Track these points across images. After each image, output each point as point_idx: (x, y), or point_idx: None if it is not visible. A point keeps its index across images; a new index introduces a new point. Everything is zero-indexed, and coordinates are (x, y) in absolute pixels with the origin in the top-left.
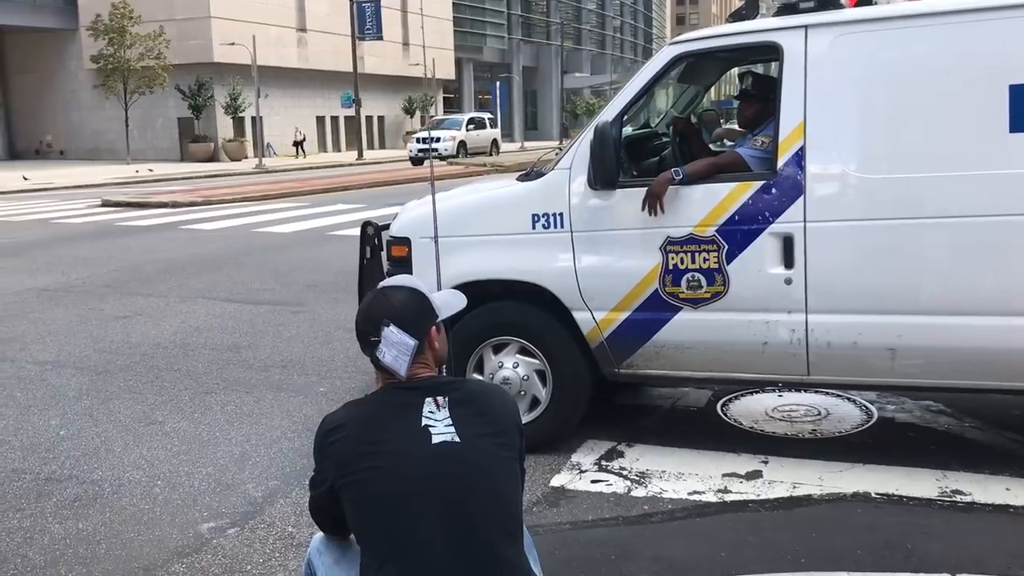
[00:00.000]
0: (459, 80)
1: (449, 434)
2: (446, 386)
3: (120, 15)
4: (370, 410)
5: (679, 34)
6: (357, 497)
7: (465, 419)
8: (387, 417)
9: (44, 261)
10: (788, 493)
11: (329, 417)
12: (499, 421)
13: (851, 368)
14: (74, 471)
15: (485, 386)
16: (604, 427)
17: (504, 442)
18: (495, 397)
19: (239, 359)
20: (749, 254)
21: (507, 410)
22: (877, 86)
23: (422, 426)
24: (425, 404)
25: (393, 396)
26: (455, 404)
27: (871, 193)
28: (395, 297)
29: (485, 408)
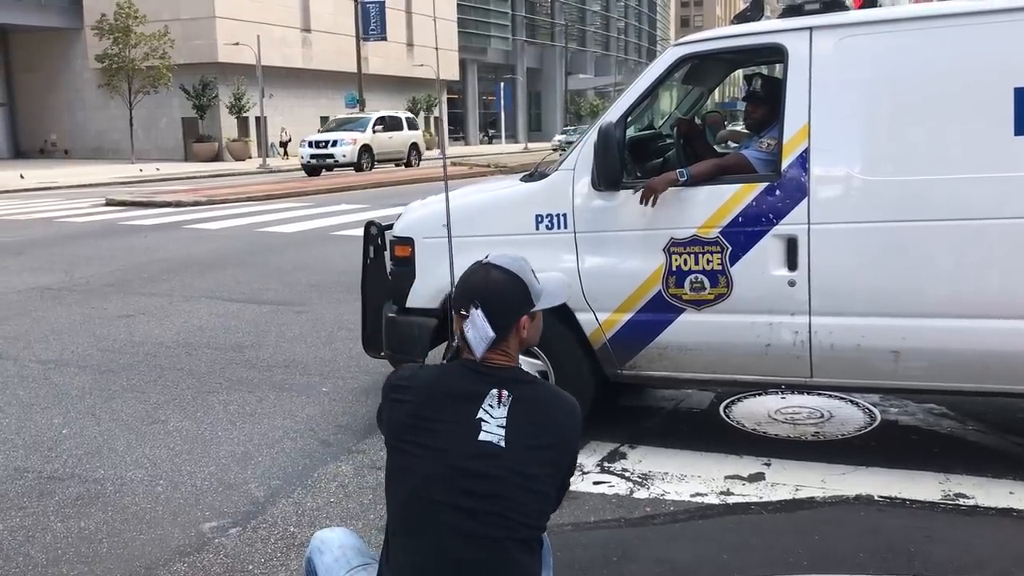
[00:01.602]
0: (463, 81)
1: (497, 436)
2: (516, 383)
3: (125, 15)
4: (439, 383)
5: (683, 36)
6: (393, 465)
7: (520, 424)
8: (450, 396)
9: (47, 260)
10: (791, 495)
11: (401, 372)
12: (553, 435)
13: (855, 371)
14: (76, 470)
15: (554, 394)
16: (607, 428)
17: (551, 458)
18: (560, 409)
19: (242, 359)
20: (753, 256)
21: (567, 425)
22: (882, 88)
23: (476, 418)
24: (488, 396)
25: (464, 375)
26: (517, 404)
27: (875, 195)
28: (494, 278)
29: (545, 418)
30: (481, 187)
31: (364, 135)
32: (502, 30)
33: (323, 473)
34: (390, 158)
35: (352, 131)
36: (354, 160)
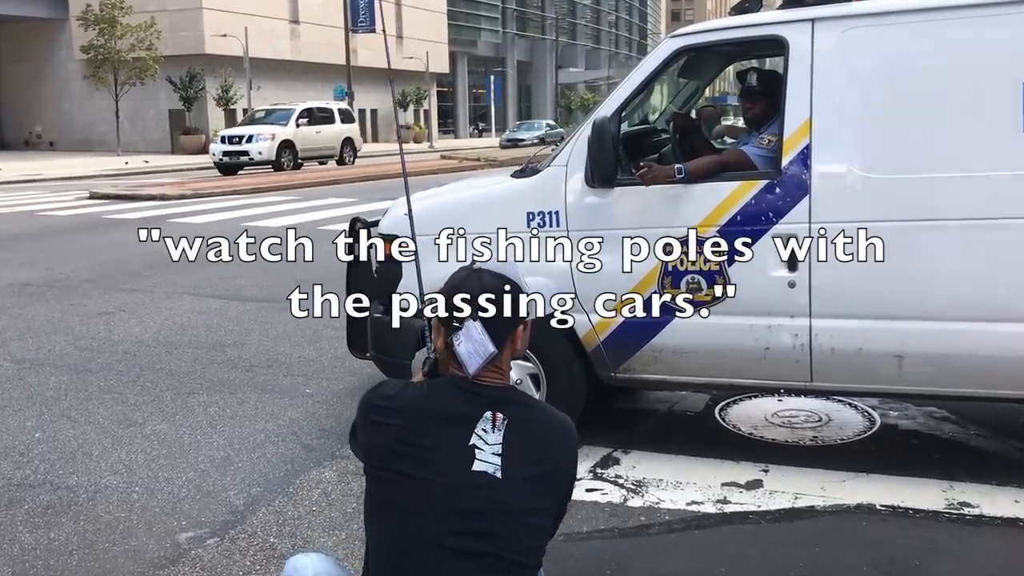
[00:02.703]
0: (453, 74)
1: (492, 466)
2: (510, 404)
3: (111, 5)
4: (426, 404)
5: (674, 29)
6: (374, 494)
7: (516, 452)
8: (440, 420)
9: (28, 255)
10: (790, 504)
11: (383, 390)
12: (550, 463)
13: (856, 375)
14: (48, 476)
15: (551, 416)
16: (599, 433)
17: (548, 488)
18: (558, 433)
19: (223, 358)
20: (751, 256)
21: (564, 451)
22: (886, 83)
23: (469, 444)
24: (482, 419)
25: (454, 395)
26: (513, 428)
27: (879, 194)
28: (488, 284)
29: (542, 444)
30: (470, 183)
31: (285, 129)
32: (492, 23)
33: (305, 480)
34: (318, 155)
35: (273, 124)
36: (271, 158)
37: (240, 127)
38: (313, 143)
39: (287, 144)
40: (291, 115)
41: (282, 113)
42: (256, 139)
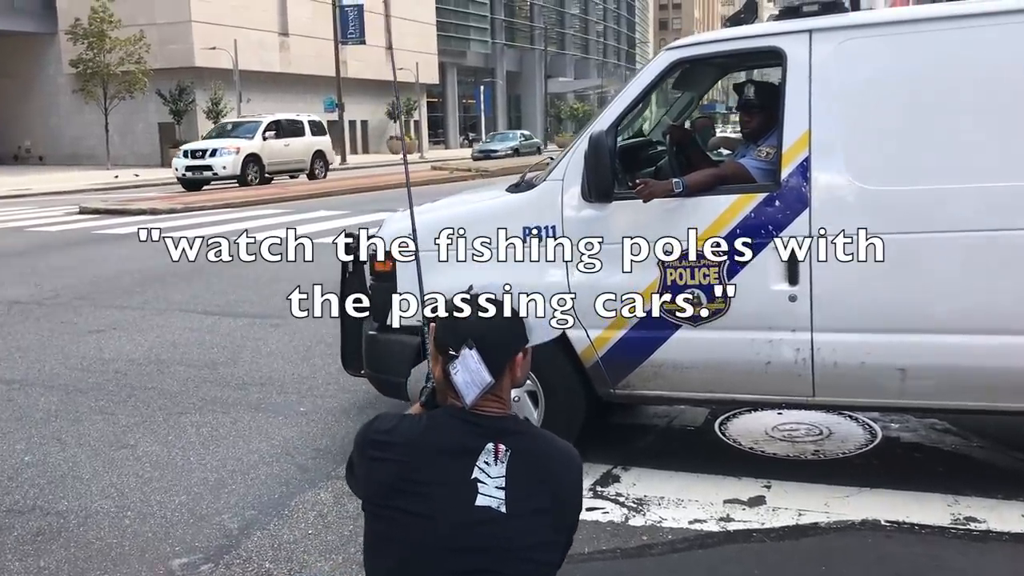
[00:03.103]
0: (443, 84)
1: (496, 500)
2: (512, 434)
3: (99, 19)
4: (426, 437)
5: (662, 39)
6: (374, 531)
7: (521, 485)
8: (440, 453)
9: (16, 272)
10: (793, 521)
11: (381, 424)
12: (559, 493)
13: (859, 389)
14: (38, 501)
15: (554, 446)
16: (598, 449)
17: (554, 522)
18: (562, 464)
19: (216, 376)
20: (751, 270)
21: (571, 482)
22: (886, 93)
23: (471, 478)
24: (484, 451)
25: (454, 427)
26: (516, 460)
27: (881, 206)
28: (485, 311)
29: (547, 476)
30: (465, 198)
31: (250, 143)
32: (481, 33)
33: (301, 502)
34: (287, 169)
35: (236, 138)
36: (236, 172)
37: (203, 141)
38: (281, 157)
39: (253, 158)
40: (258, 127)
41: (249, 126)
42: (220, 153)
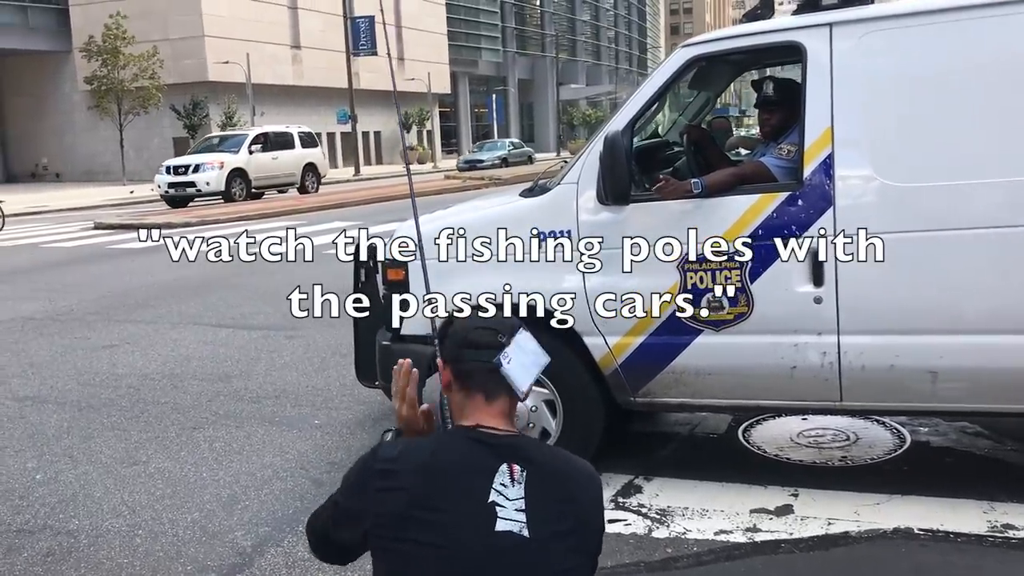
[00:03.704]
0: (455, 94)
1: (518, 524)
2: (527, 452)
3: (113, 36)
4: (437, 461)
5: (673, 43)
6: (386, 568)
7: (542, 506)
8: (453, 477)
9: (31, 288)
10: (823, 531)
11: (384, 452)
12: (580, 514)
13: (888, 393)
14: (49, 520)
15: (572, 464)
16: (619, 459)
17: (579, 544)
18: (579, 479)
19: (230, 390)
20: (775, 272)
21: (592, 501)
22: (911, 87)
23: (488, 501)
24: (499, 473)
25: (466, 448)
26: (534, 480)
27: (907, 203)
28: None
29: (567, 495)
30: (477, 203)
31: (235, 157)
32: (492, 42)
33: None
34: (276, 183)
35: (221, 153)
36: (220, 188)
37: (186, 156)
38: (269, 171)
39: (239, 172)
40: (243, 141)
41: (235, 139)
42: (203, 168)
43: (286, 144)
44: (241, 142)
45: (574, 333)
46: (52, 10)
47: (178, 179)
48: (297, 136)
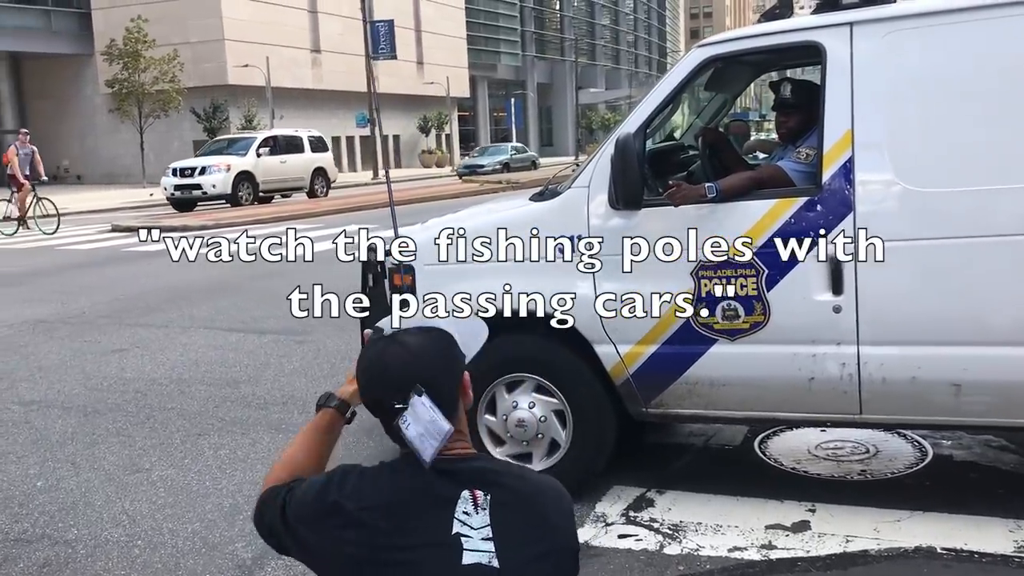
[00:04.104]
0: (474, 98)
1: (486, 554)
2: (489, 476)
3: (134, 39)
4: (395, 495)
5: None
6: None
7: (510, 532)
8: (412, 512)
9: (45, 290)
10: (841, 548)
11: (334, 485)
12: (552, 537)
13: (910, 406)
14: (47, 529)
15: (536, 482)
16: (631, 471)
17: (555, 569)
18: (548, 501)
19: (237, 395)
20: (792, 279)
21: (562, 521)
22: (935, 88)
23: (452, 533)
24: (460, 501)
25: (422, 477)
26: (498, 506)
27: (930, 209)
28: (414, 346)
29: (537, 517)
30: (487, 207)
31: (242, 160)
32: (512, 46)
33: None
34: (284, 187)
35: (228, 155)
36: (227, 191)
37: (193, 159)
38: (277, 174)
39: (245, 176)
40: (251, 144)
41: (243, 142)
42: (209, 171)
43: (295, 148)
44: (249, 145)
45: (584, 341)
46: (75, 14)
47: (184, 181)
48: (307, 140)
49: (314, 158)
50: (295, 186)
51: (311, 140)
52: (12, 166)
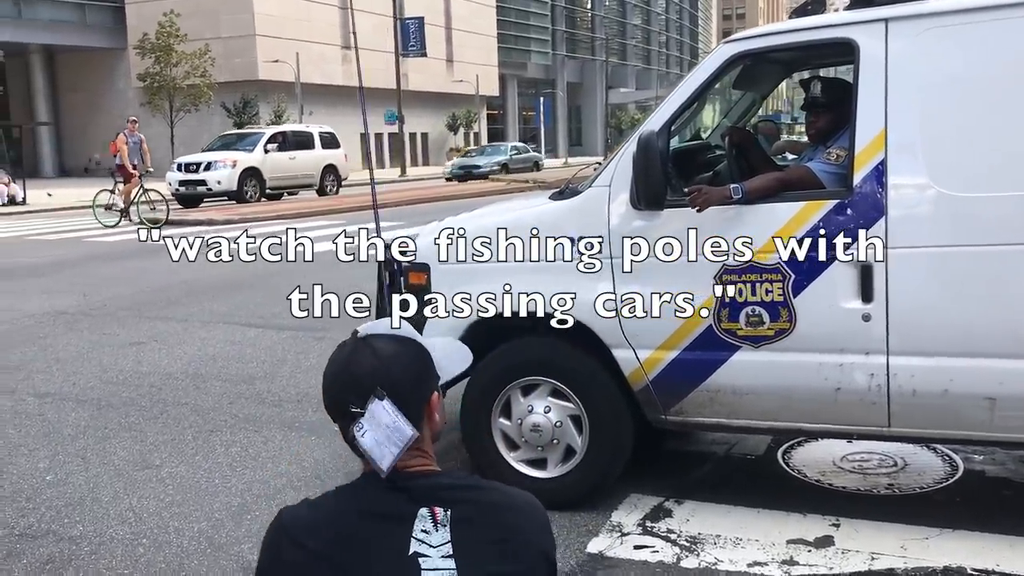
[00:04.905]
0: (503, 96)
1: (447, 572)
2: (450, 492)
3: (167, 34)
4: (348, 519)
5: None
6: None
7: (473, 549)
8: (366, 535)
9: (68, 282)
10: (866, 566)
11: (288, 519)
12: (522, 553)
13: (941, 420)
14: (53, 525)
15: (506, 496)
16: (649, 479)
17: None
18: (519, 514)
19: (252, 392)
20: (820, 285)
21: (535, 533)
22: (973, 88)
23: (410, 553)
24: (418, 518)
25: (378, 498)
26: (460, 522)
27: (966, 214)
28: (385, 352)
29: (503, 531)
30: (506, 206)
31: (249, 156)
32: (542, 45)
33: None
34: (293, 184)
35: (235, 151)
36: (232, 188)
37: (199, 154)
38: (285, 171)
39: (252, 172)
40: (259, 140)
41: (252, 138)
42: (215, 167)
43: (305, 144)
44: (257, 140)
45: (603, 345)
46: (108, 8)
47: (189, 177)
48: (318, 136)
49: (325, 155)
50: (304, 183)
51: (322, 136)
52: (122, 155)
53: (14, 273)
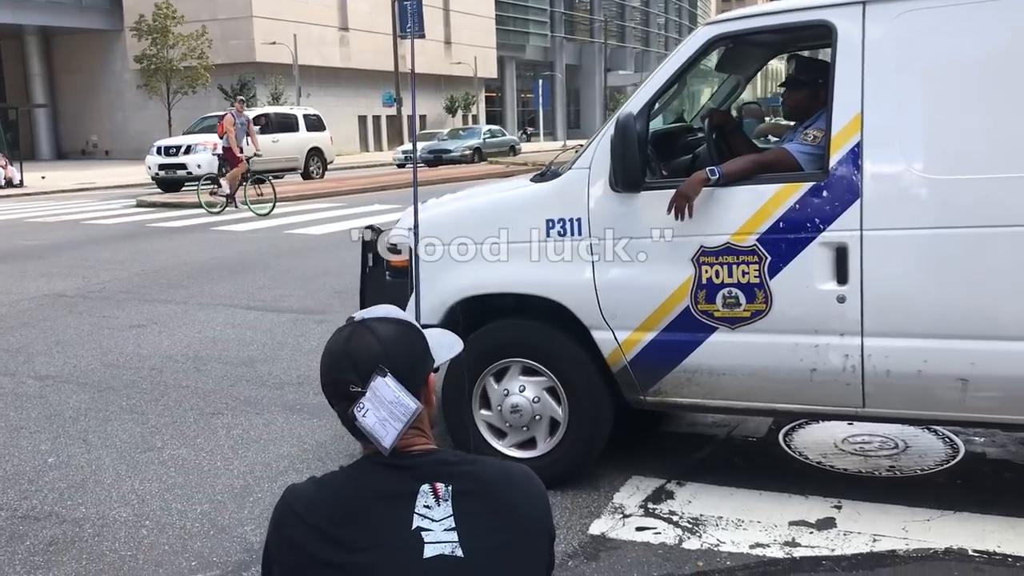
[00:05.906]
0: (501, 79)
1: (449, 544)
2: (450, 467)
3: (163, 15)
4: (350, 499)
5: None
6: None
7: (474, 520)
8: (370, 513)
9: (67, 264)
10: (868, 547)
11: (293, 496)
12: (522, 523)
13: (914, 400)
14: (55, 507)
15: (503, 469)
16: (650, 461)
17: (528, 558)
18: (517, 486)
19: (253, 375)
20: (795, 267)
21: (534, 504)
22: (948, 71)
23: (412, 528)
24: (420, 495)
25: (381, 476)
26: (461, 496)
27: (941, 197)
28: (385, 333)
29: (503, 503)
30: (486, 188)
31: None
32: (541, 27)
33: None
34: (276, 167)
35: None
36: (213, 171)
37: (179, 137)
38: (268, 154)
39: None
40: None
41: None
42: (195, 150)
43: (289, 127)
44: None
45: (582, 326)
46: None
47: (168, 160)
48: (302, 118)
49: (309, 137)
50: (288, 167)
51: (307, 119)
52: (229, 137)
53: (13, 256)
